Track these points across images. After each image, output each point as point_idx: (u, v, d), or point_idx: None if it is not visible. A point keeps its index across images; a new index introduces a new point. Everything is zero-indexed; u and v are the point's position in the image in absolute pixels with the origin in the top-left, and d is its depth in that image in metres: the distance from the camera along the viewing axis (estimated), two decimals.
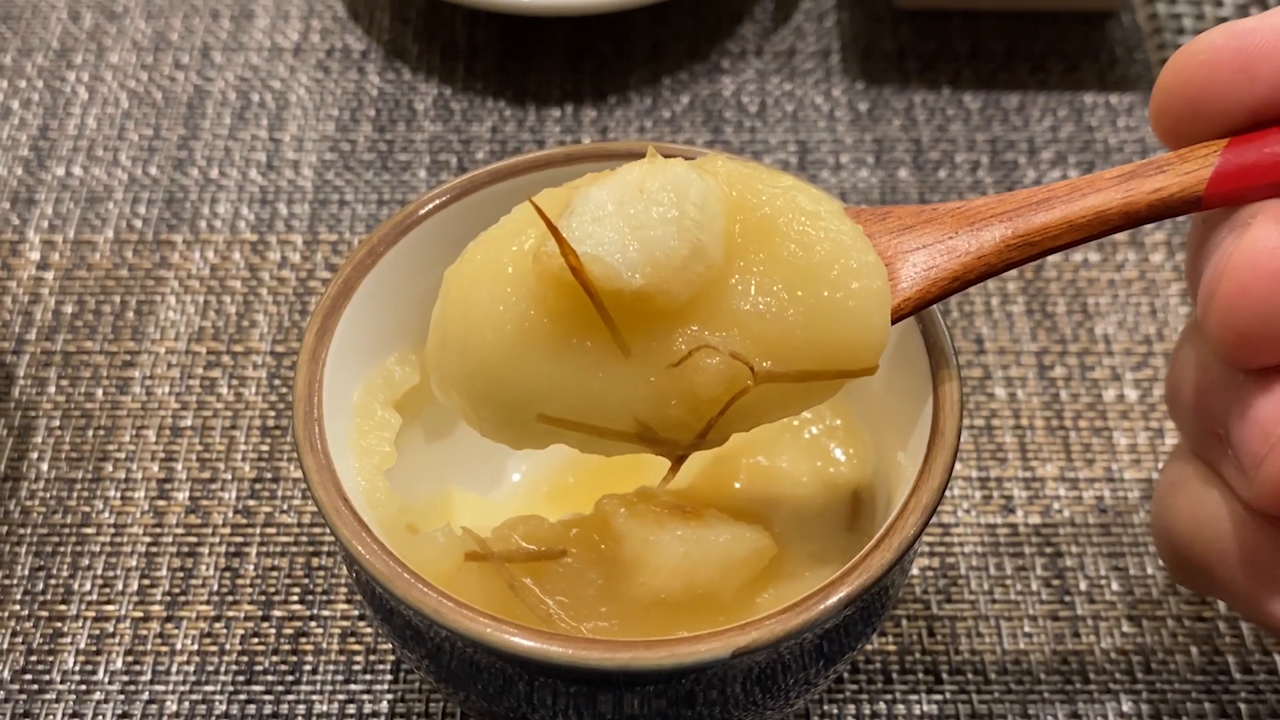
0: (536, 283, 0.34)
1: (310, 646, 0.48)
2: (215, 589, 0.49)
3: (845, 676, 0.47)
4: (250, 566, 0.50)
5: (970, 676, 0.47)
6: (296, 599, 0.49)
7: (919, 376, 0.39)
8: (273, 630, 0.48)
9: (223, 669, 0.47)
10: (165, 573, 0.50)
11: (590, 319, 0.34)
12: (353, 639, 0.48)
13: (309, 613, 0.49)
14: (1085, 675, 0.47)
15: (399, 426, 0.42)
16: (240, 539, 0.50)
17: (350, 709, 0.46)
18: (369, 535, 0.36)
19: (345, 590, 0.49)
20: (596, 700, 0.36)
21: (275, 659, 0.48)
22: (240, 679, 0.47)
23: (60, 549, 0.50)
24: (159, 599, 0.49)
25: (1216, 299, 0.32)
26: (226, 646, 0.48)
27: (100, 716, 0.46)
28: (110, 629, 0.48)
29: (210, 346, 0.56)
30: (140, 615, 0.49)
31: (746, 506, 0.42)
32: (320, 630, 0.48)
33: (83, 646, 0.48)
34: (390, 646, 0.47)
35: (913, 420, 0.39)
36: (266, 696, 0.47)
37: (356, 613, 0.49)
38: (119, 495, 0.52)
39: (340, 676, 0.47)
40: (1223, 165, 0.33)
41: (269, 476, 0.52)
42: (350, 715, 0.46)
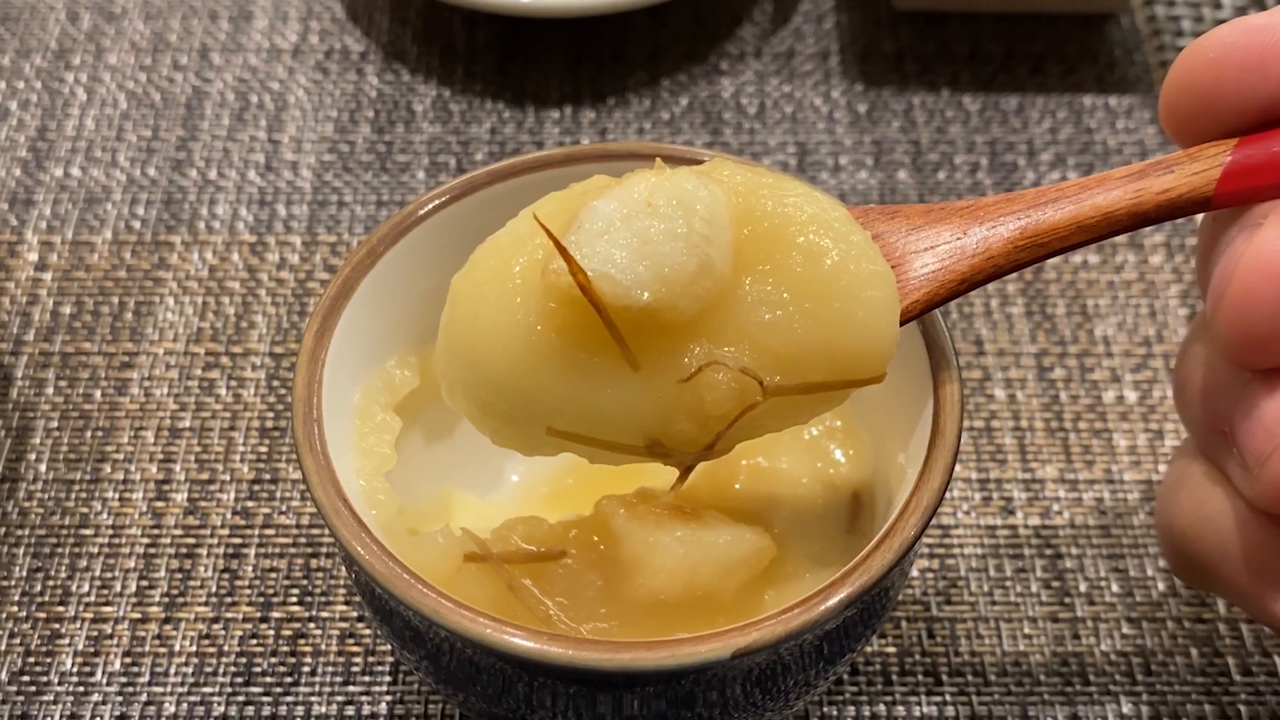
0: (544, 298, 0.34)
1: (309, 648, 0.48)
2: (214, 590, 0.49)
3: (845, 678, 0.47)
4: (249, 568, 0.50)
5: (970, 678, 0.47)
6: (295, 600, 0.49)
7: (919, 378, 0.39)
8: (271, 632, 0.48)
9: (221, 670, 0.47)
10: (164, 574, 0.49)
11: (598, 334, 0.34)
12: (351, 640, 0.48)
13: (308, 614, 0.49)
14: (1085, 677, 0.47)
15: (399, 429, 0.42)
16: (239, 540, 0.50)
17: (349, 710, 0.46)
18: (368, 536, 0.36)
19: (344, 591, 0.49)
20: (596, 701, 0.36)
21: (274, 660, 0.47)
22: (239, 680, 0.47)
23: (58, 550, 0.50)
24: (157, 600, 0.49)
25: (1225, 300, 0.32)
26: (225, 648, 0.48)
27: (98, 718, 0.46)
28: (108, 630, 0.48)
29: (209, 348, 0.56)
30: (138, 617, 0.48)
31: (746, 507, 0.42)
32: (319, 632, 0.48)
33: (81, 648, 0.48)
34: (389, 648, 0.47)
35: (913, 421, 0.39)
36: (265, 698, 0.47)
37: (355, 614, 0.49)
38: (117, 496, 0.52)
39: (339, 678, 0.47)
40: (1232, 165, 0.33)
41: (268, 478, 0.52)
42: (349, 717, 0.46)
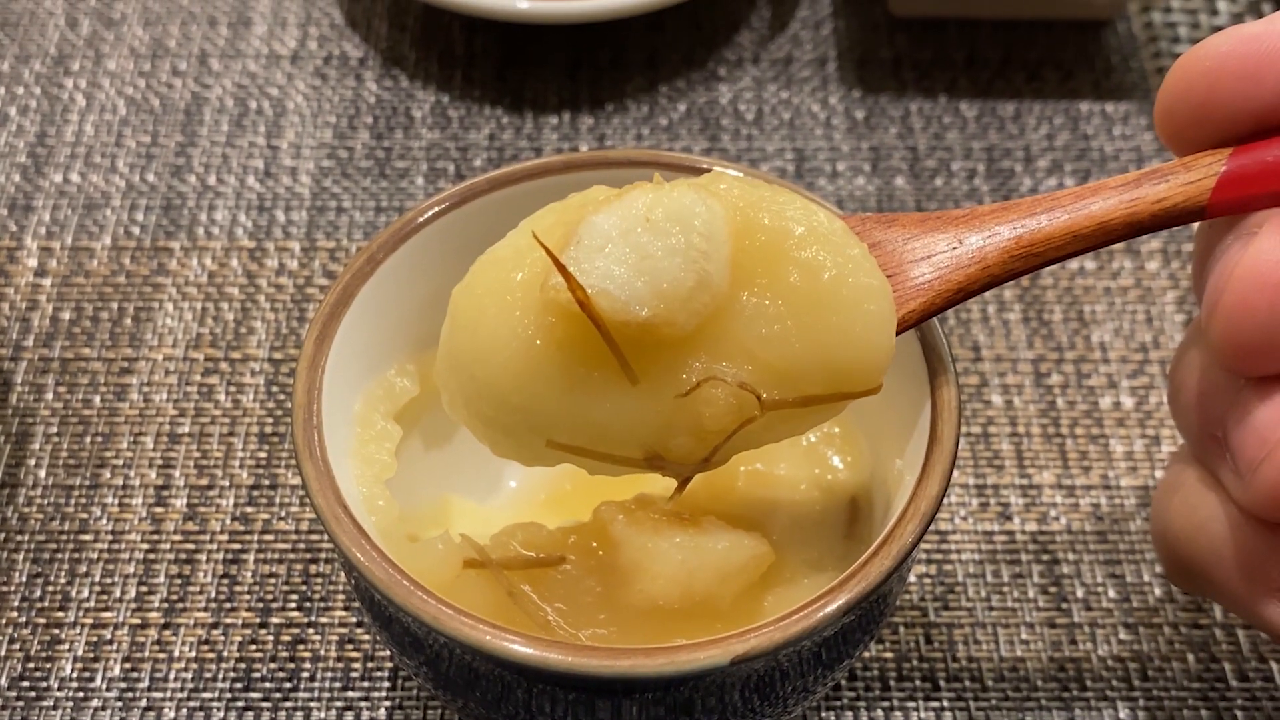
0: (544, 312, 0.34)
1: (308, 654, 0.48)
2: (213, 596, 0.49)
3: (843, 684, 0.47)
4: (248, 573, 0.50)
5: (967, 684, 0.47)
6: (294, 606, 0.49)
7: (917, 383, 0.39)
8: (270, 637, 0.48)
9: (220, 676, 0.47)
10: (163, 579, 0.50)
11: (597, 349, 0.34)
12: (350, 646, 0.48)
13: (307, 620, 0.49)
14: (1082, 682, 0.47)
15: (399, 437, 0.42)
16: (238, 546, 0.50)
17: (348, 716, 0.46)
18: (368, 542, 0.36)
19: (343, 597, 0.49)
20: (595, 707, 0.36)
21: (273, 666, 0.48)
22: (238, 686, 0.47)
23: (58, 556, 0.50)
24: (157, 606, 0.49)
25: (1220, 308, 0.32)
26: (224, 654, 0.48)
27: None
28: (108, 636, 0.48)
29: (208, 353, 0.56)
30: (138, 622, 0.49)
31: (744, 513, 0.42)
32: (318, 637, 0.48)
33: (80, 653, 0.48)
34: (388, 653, 0.47)
35: (910, 427, 0.39)
36: (264, 704, 0.47)
37: (354, 620, 0.49)
38: (117, 502, 0.52)
39: (338, 684, 0.47)
40: (1227, 174, 0.33)
41: (267, 483, 0.52)
42: None
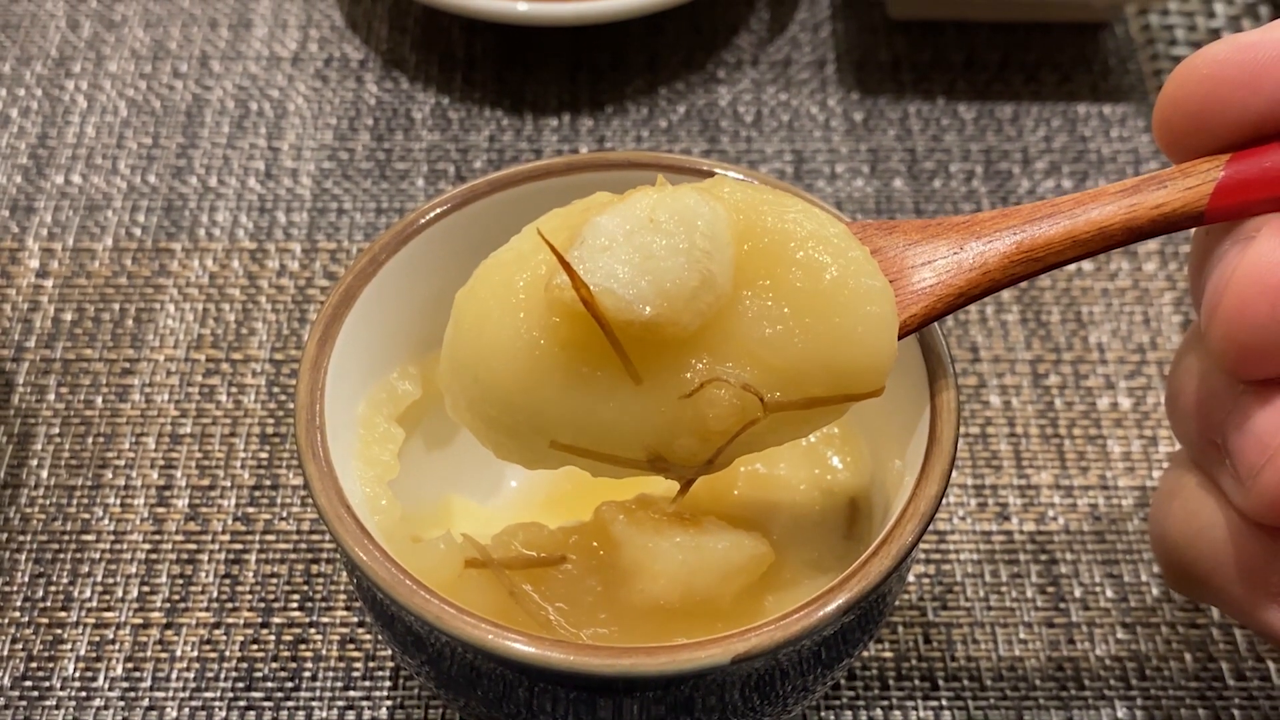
0: (548, 313, 0.35)
1: (310, 653, 0.48)
2: (215, 596, 0.49)
3: (842, 683, 0.47)
4: (250, 573, 0.50)
5: (966, 683, 0.47)
6: (296, 606, 0.49)
7: (916, 384, 0.39)
8: (272, 637, 0.48)
9: (222, 675, 0.47)
10: (165, 579, 0.50)
11: (601, 349, 0.34)
12: (352, 645, 0.48)
13: (308, 619, 0.49)
14: (1080, 681, 0.48)
15: (402, 439, 0.42)
16: (240, 546, 0.51)
17: (350, 715, 0.47)
18: (371, 542, 0.36)
19: (344, 597, 0.49)
20: (596, 706, 0.36)
21: (275, 665, 0.48)
22: (240, 685, 0.47)
23: (60, 556, 0.50)
24: (159, 606, 0.49)
25: (1220, 311, 0.32)
26: (226, 653, 0.48)
27: None
28: (110, 636, 0.48)
29: (209, 354, 0.56)
30: (140, 622, 0.49)
31: (745, 513, 0.42)
32: (320, 637, 0.48)
33: (83, 653, 0.48)
34: (390, 653, 0.48)
35: (910, 428, 0.39)
36: (266, 703, 0.47)
37: (356, 619, 0.49)
38: (119, 502, 0.52)
39: (340, 683, 0.47)
40: (1225, 180, 0.34)
41: (268, 484, 0.52)
42: None
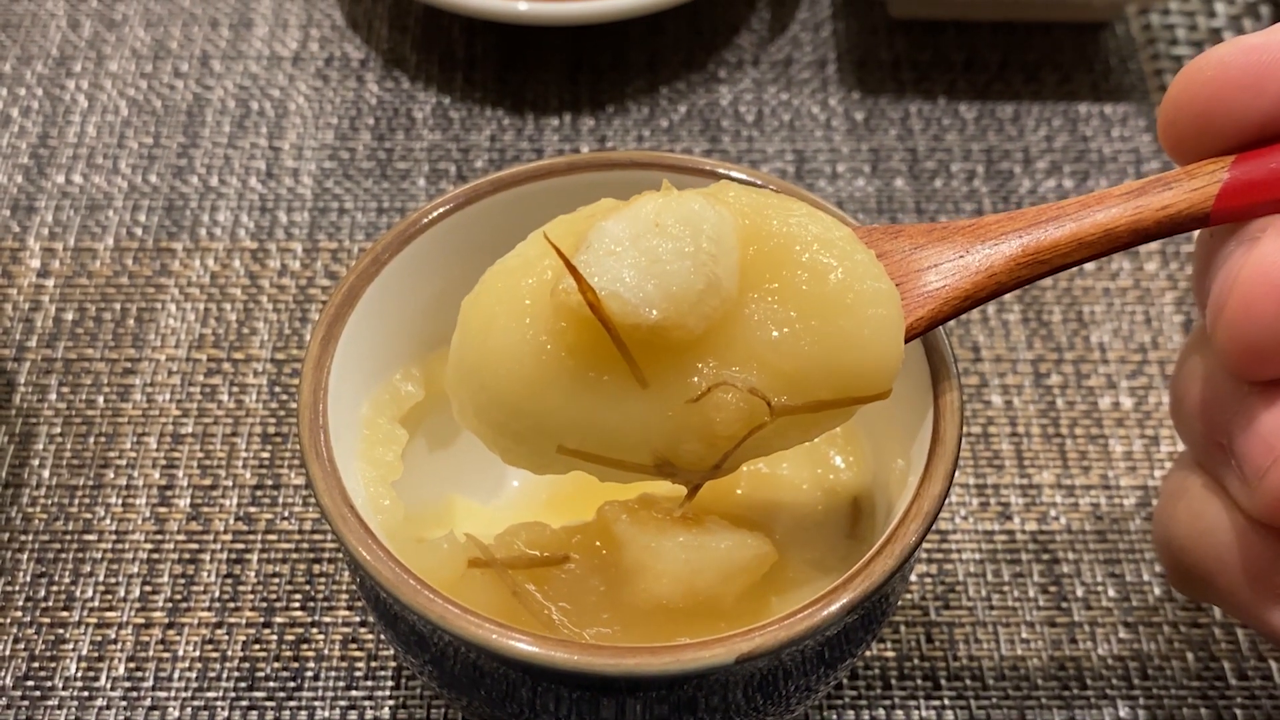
0: (554, 318, 0.35)
1: (312, 653, 0.48)
2: (217, 595, 0.49)
3: (845, 683, 0.48)
4: (252, 573, 0.50)
5: (968, 682, 0.48)
6: (298, 605, 0.49)
7: (919, 384, 0.39)
8: (274, 637, 0.48)
9: (225, 675, 0.47)
10: (167, 579, 0.50)
11: (607, 353, 0.34)
12: (354, 645, 0.48)
13: (310, 619, 0.49)
14: (1082, 681, 0.48)
15: (406, 441, 0.42)
16: (241, 546, 0.51)
17: (352, 715, 0.47)
18: (374, 542, 0.36)
19: (347, 596, 0.49)
20: (599, 706, 0.36)
21: (277, 665, 0.48)
22: (242, 685, 0.47)
23: (62, 555, 0.50)
24: (161, 605, 0.49)
25: (1225, 312, 0.32)
26: (228, 653, 0.48)
27: None
28: (112, 635, 0.48)
29: (211, 354, 0.56)
30: (142, 622, 0.49)
31: (748, 513, 0.42)
32: (322, 636, 0.48)
33: (85, 653, 0.48)
34: (392, 652, 0.48)
35: (913, 427, 0.39)
36: (268, 703, 0.47)
37: (358, 619, 0.49)
38: (120, 502, 0.52)
39: (342, 683, 0.47)
40: (1230, 182, 0.34)
41: (270, 483, 0.52)
42: None
